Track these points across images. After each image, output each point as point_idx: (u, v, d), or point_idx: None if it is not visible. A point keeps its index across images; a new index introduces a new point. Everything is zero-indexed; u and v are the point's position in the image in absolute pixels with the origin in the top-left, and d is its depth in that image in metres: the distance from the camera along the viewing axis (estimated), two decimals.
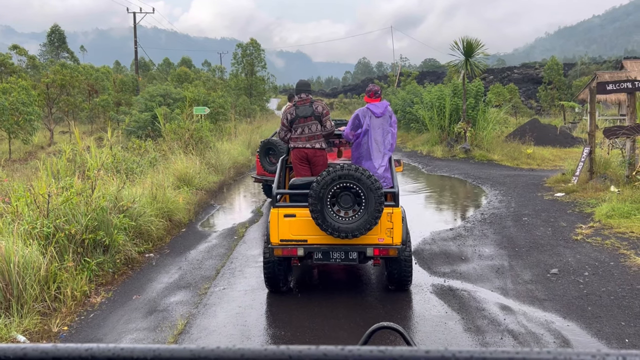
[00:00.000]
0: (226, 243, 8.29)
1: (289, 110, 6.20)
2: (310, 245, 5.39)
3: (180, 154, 13.60)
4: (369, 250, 5.30)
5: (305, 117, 6.09)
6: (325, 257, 5.40)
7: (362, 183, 5.06)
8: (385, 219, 5.27)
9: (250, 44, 43.30)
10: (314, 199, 5.11)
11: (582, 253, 6.72)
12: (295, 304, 5.67)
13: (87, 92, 31.26)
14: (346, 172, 5.09)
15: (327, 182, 5.10)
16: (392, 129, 6.14)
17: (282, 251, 5.41)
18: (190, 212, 10.18)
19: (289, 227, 5.42)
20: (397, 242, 5.30)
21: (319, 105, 6.17)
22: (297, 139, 6.16)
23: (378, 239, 5.31)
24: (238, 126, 27.34)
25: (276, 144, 10.19)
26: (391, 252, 5.29)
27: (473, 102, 19.10)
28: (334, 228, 5.11)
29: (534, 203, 9.86)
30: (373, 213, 5.07)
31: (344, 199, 5.17)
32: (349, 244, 5.33)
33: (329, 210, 5.15)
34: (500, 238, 7.70)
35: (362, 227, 5.10)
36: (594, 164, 10.62)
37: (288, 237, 5.43)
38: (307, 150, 6.12)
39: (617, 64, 47.90)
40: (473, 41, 17.11)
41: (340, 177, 5.09)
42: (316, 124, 6.12)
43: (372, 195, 5.05)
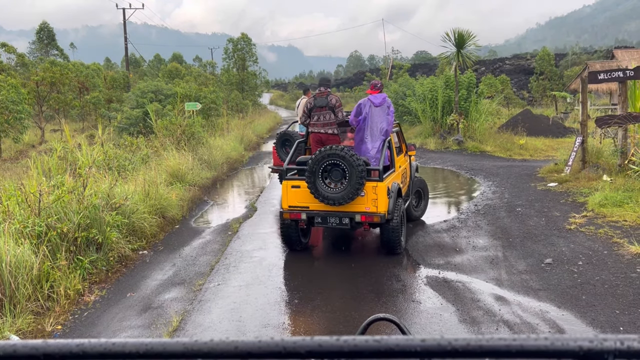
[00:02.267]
0: (220, 239, 8.26)
1: (310, 100, 7.31)
2: (311, 211, 6.65)
3: (173, 150, 13.52)
4: (357, 217, 6.43)
5: (321, 107, 7.17)
6: (323, 222, 6.65)
7: (346, 160, 6.22)
8: (371, 191, 6.38)
9: (241, 39, 43.04)
10: (309, 172, 6.36)
11: (576, 242, 6.74)
12: (291, 300, 5.66)
13: (78, 90, 31.01)
14: (333, 151, 6.28)
15: (318, 159, 6.32)
16: (389, 117, 7.04)
17: (289, 215, 6.73)
18: (184, 209, 10.13)
19: (295, 195, 6.74)
20: (381, 210, 6.38)
21: (333, 98, 7.24)
22: (314, 125, 7.27)
23: (365, 208, 6.44)
24: (230, 121, 27.22)
25: (292, 135, 10.48)
26: (375, 219, 6.39)
27: (465, 94, 19.10)
28: (324, 196, 6.32)
29: (527, 193, 9.88)
30: (354, 185, 6.22)
31: (334, 173, 6.34)
32: (341, 211, 6.49)
33: (321, 182, 6.36)
34: (494, 229, 7.72)
35: (346, 196, 6.27)
36: (586, 154, 10.65)
37: (294, 203, 6.75)
38: (321, 135, 7.21)
39: (608, 53, 48.03)
40: (464, 32, 17.08)
41: (329, 156, 6.29)
42: (330, 113, 7.19)
43: (354, 171, 6.19)
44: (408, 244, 7.31)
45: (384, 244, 6.77)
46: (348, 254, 7.27)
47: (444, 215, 9.00)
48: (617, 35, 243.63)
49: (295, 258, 7.14)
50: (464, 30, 17.13)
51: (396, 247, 6.69)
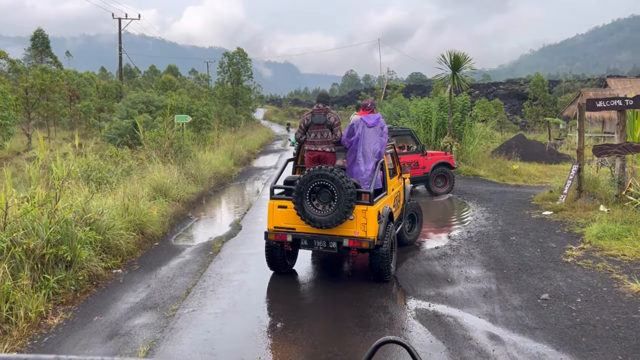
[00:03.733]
0: (200, 259, 7.85)
1: (307, 117, 6.92)
2: (297, 233, 6.34)
3: (158, 163, 13.13)
4: (345, 241, 6.10)
5: (319, 124, 6.79)
6: (310, 245, 6.33)
7: (335, 182, 5.94)
8: (361, 215, 6.07)
9: (237, 53, 42.93)
10: (296, 193, 6.06)
11: (573, 277, 6.40)
12: (269, 332, 5.26)
13: (69, 98, 30.59)
14: (322, 172, 6.00)
15: (307, 179, 6.03)
16: (383, 138, 6.76)
17: (275, 236, 6.42)
18: (165, 225, 9.72)
19: (281, 216, 6.43)
20: (370, 236, 6.05)
21: (332, 116, 6.83)
22: (311, 142, 6.86)
23: (354, 232, 6.11)
24: (222, 135, 26.90)
25: None
26: (364, 245, 6.04)
27: (459, 117, 18.91)
28: (310, 218, 6.04)
29: (522, 221, 9.57)
30: (343, 208, 5.91)
31: (323, 195, 6.06)
32: (329, 234, 6.18)
33: (308, 203, 6.07)
34: (488, 259, 7.37)
35: (334, 219, 5.96)
36: (582, 182, 10.38)
37: (280, 224, 6.44)
38: (318, 153, 6.82)
39: (601, 82, 48.43)
40: (460, 55, 16.94)
41: (317, 176, 6.01)
42: (327, 131, 6.80)
43: (343, 193, 5.90)
44: (398, 271, 6.95)
45: (372, 270, 6.44)
46: (335, 280, 6.88)
47: (436, 242, 8.66)
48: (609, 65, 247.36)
49: (277, 282, 6.75)
50: (460, 52, 17.00)
51: (385, 274, 6.38)
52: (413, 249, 8.19)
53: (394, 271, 6.78)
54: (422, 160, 12.93)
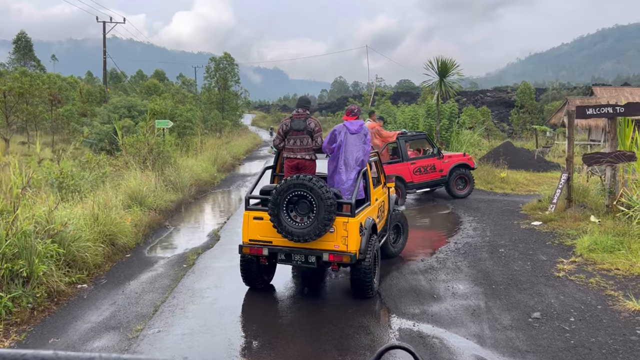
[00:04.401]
0: (173, 273, 7.40)
1: (285, 122, 6.52)
2: (274, 246, 5.94)
3: (136, 169, 12.66)
4: (324, 255, 5.70)
5: (298, 130, 6.38)
6: (287, 259, 5.93)
7: (314, 192, 5.55)
8: (341, 228, 5.70)
9: (224, 58, 42.50)
10: (272, 204, 5.66)
11: (566, 293, 6.06)
12: (240, 356, 4.83)
13: (50, 102, 29.90)
14: (300, 181, 5.60)
15: (283, 189, 5.65)
16: (366, 146, 6.39)
17: (249, 250, 6.02)
18: (139, 235, 9.25)
19: (256, 228, 6.03)
20: (351, 249, 5.67)
21: (312, 122, 6.42)
22: (289, 150, 6.46)
23: (334, 246, 5.72)
24: (207, 141, 26.41)
25: None
26: (345, 259, 5.66)
27: (447, 124, 18.66)
28: (287, 231, 5.64)
29: (511, 232, 9.24)
30: (322, 220, 5.52)
31: (301, 206, 5.66)
32: (308, 248, 5.78)
33: (285, 215, 5.67)
34: (476, 272, 7.01)
35: (313, 232, 5.57)
36: (572, 192, 10.10)
37: (256, 237, 6.04)
38: (297, 160, 6.42)
39: (587, 90, 48.67)
40: (448, 61, 16.69)
41: (295, 186, 5.62)
42: (307, 138, 6.38)
43: (323, 204, 5.51)
44: (381, 286, 6.56)
45: (354, 286, 6.08)
46: (315, 296, 6.48)
47: (422, 254, 8.29)
48: (594, 74, 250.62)
49: (252, 299, 6.33)
50: (447, 58, 16.74)
51: (367, 290, 6.01)
52: (398, 261, 7.81)
53: (377, 286, 6.38)
54: (438, 163, 12.71)
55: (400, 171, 12.08)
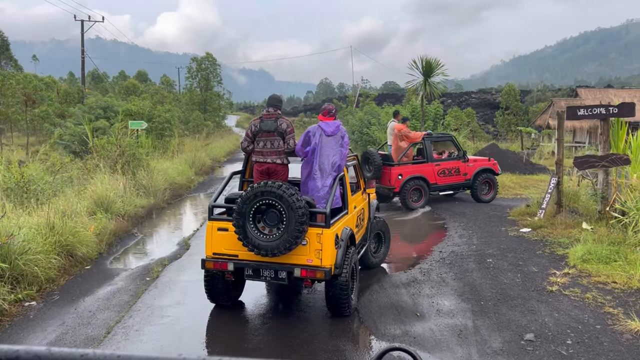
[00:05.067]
0: (133, 287, 6.76)
1: (254, 123, 5.96)
2: (240, 260, 5.35)
3: (105, 173, 11.97)
4: (296, 271, 5.15)
5: (268, 131, 5.82)
6: (255, 275, 5.35)
7: (284, 201, 4.98)
8: (315, 240, 5.15)
9: (206, 58, 41.73)
10: (237, 213, 5.08)
11: (561, 310, 5.54)
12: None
13: (24, 102, 28.94)
14: (268, 188, 5.03)
15: (249, 197, 5.06)
16: (343, 149, 5.91)
17: (213, 264, 5.41)
18: (102, 244, 8.59)
19: (221, 240, 5.43)
20: (325, 264, 5.13)
21: (284, 122, 5.84)
22: (258, 153, 5.88)
23: (307, 260, 5.18)
24: (187, 143, 25.70)
25: (371, 154, 11.93)
26: (318, 275, 5.12)
27: (432, 125, 18.20)
28: (254, 245, 5.07)
29: (499, 240, 8.74)
30: (293, 232, 4.96)
31: (270, 216, 5.10)
32: (278, 263, 5.23)
33: (252, 226, 5.10)
34: (462, 286, 6.48)
35: (282, 246, 5.01)
36: (562, 196, 9.64)
37: (220, 250, 5.44)
38: (267, 165, 5.84)
39: (571, 92, 48.75)
40: (433, 61, 16.22)
41: (262, 194, 5.04)
42: (278, 140, 5.82)
43: (293, 214, 4.95)
44: (360, 302, 6.00)
45: (329, 303, 5.52)
46: (287, 314, 5.90)
47: (405, 264, 7.75)
48: (576, 76, 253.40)
49: (218, 319, 5.73)
50: (432, 58, 16.27)
51: (344, 307, 5.46)
52: (379, 273, 7.27)
53: (355, 303, 5.81)
54: (463, 166, 12.51)
55: (425, 172, 11.99)
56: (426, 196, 12.00)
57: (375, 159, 11.70)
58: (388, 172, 11.76)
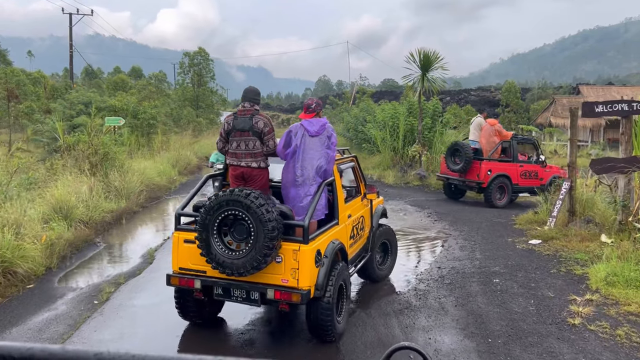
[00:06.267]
0: (75, 314, 5.70)
1: (227, 120, 5.21)
2: (208, 278, 4.70)
3: (71, 174, 10.89)
4: (269, 292, 4.44)
5: (242, 130, 5.02)
6: (225, 294, 4.71)
7: (252, 212, 4.28)
8: (291, 257, 4.44)
9: (198, 53, 40.50)
10: (200, 225, 4.45)
11: (588, 353, 4.48)
12: None
13: (6, 97, 27.83)
14: (235, 197, 4.35)
15: (213, 207, 4.42)
16: (330, 151, 5.06)
17: (178, 281, 4.82)
18: (54, 258, 7.51)
19: (188, 254, 4.80)
20: (303, 285, 4.41)
21: (260, 120, 5.03)
22: (232, 155, 5.10)
23: (282, 280, 4.48)
24: (175, 140, 24.59)
25: (462, 146, 11.96)
26: (294, 298, 4.38)
27: (430, 123, 17.14)
28: (218, 261, 4.43)
29: (505, 254, 7.69)
30: (261, 249, 4.26)
31: (239, 229, 4.44)
32: (249, 282, 4.57)
33: (216, 240, 4.45)
34: (465, 315, 5.42)
35: (249, 264, 4.32)
36: (575, 203, 8.60)
37: (187, 265, 4.82)
38: (242, 169, 5.06)
39: (572, 89, 47.75)
40: (431, 54, 15.14)
41: (228, 203, 4.38)
42: (254, 140, 5.03)
43: (262, 228, 4.25)
44: (343, 338, 4.95)
45: (310, 326, 4.76)
46: (260, 340, 4.88)
47: (398, 283, 6.69)
48: (575, 74, 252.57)
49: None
50: (430, 51, 15.19)
51: (327, 332, 4.69)
52: (366, 295, 6.22)
53: (343, 326, 4.95)
54: (541, 171, 12.50)
55: (509, 171, 12.07)
56: (509, 195, 12.06)
57: (467, 151, 11.76)
58: (478, 166, 11.79)
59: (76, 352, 0.60)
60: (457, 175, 12.20)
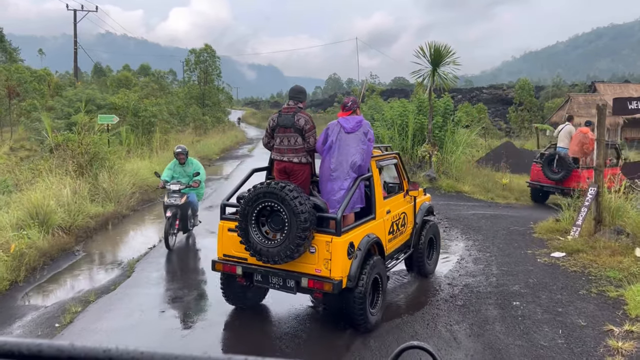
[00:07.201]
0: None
1: (273, 117, 5.53)
2: (249, 265, 5.06)
3: (54, 175, 10.19)
4: (303, 281, 4.74)
5: (285, 127, 5.32)
6: (264, 281, 5.05)
7: (286, 204, 4.60)
8: (323, 248, 4.72)
9: (204, 50, 39.84)
10: (241, 215, 4.82)
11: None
12: None
13: (7, 95, 27.34)
14: (271, 190, 4.68)
15: (252, 199, 4.77)
16: (366, 147, 5.28)
17: (222, 267, 5.20)
18: (21, 270, 6.78)
19: (231, 242, 5.17)
20: (335, 276, 4.67)
21: (302, 118, 5.29)
22: (277, 150, 5.41)
23: (315, 270, 4.76)
24: (176, 139, 23.91)
25: (564, 157, 12.03)
26: (326, 287, 4.64)
27: (440, 121, 16.24)
28: (255, 249, 4.78)
29: (525, 269, 6.83)
30: (294, 239, 4.57)
31: (275, 219, 4.78)
32: (286, 270, 4.87)
33: (255, 229, 4.81)
34: (481, 350, 4.59)
35: (282, 253, 4.64)
36: (602, 211, 7.72)
37: (230, 252, 5.20)
38: (284, 163, 5.34)
39: (588, 87, 46.47)
40: (442, 48, 14.25)
41: (264, 195, 4.72)
42: (296, 136, 5.31)
43: (295, 220, 4.55)
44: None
45: (344, 315, 5.00)
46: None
47: (403, 303, 5.87)
48: (589, 72, 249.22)
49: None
50: (441, 44, 14.30)
51: (360, 322, 4.89)
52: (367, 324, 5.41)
53: (379, 318, 5.10)
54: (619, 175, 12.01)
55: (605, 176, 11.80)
56: None
57: (568, 161, 11.96)
58: (577, 174, 11.85)
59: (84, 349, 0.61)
60: (552, 183, 12.30)
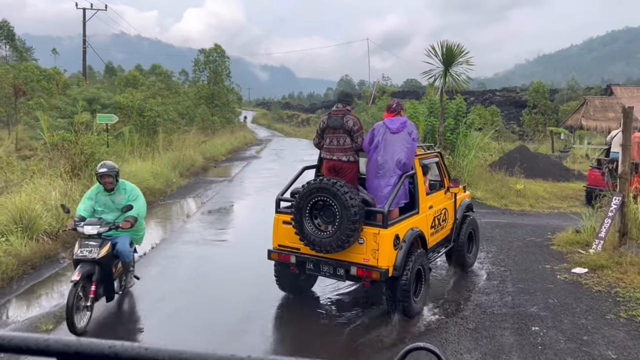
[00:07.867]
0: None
1: (323, 119, 5.99)
2: (301, 254, 5.49)
3: (42, 176, 9.75)
4: (352, 269, 5.16)
5: (335, 128, 5.77)
6: (316, 269, 5.47)
7: (337, 199, 5.02)
8: (372, 240, 5.11)
9: (214, 50, 39.50)
10: (295, 208, 5.28)
11: None
12: None
13: (13, 93, 27.13)
14: (323, 185, 5.11)
15: (306, 193, 5.21)
16: (412, 146, 5.68)
17: (277, 256, 5.66)
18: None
19: (285, 233, 5.61)
20: (382, 265, 5.05)
21: (350, 120, 5.70)
22: (327, 150, 5.86)
23: (363, 259, 5.15)
24: (182, 139, 23.50)
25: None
26: (374, 275, 5.04)
27: (452, 124, 15.61)
28: (309, 240, 5.21)
29: (544, 287, 6.21)
30: (345, 231, 4.98)
31: (327, 212, 5.20)
32: (336, 259, 5.28)
33: (308, 221, 5.24)
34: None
35: (334, 243, 5.06)
36: (627, 222, 7.08)
37: (284, 243, 5.65)
38: (334, 162, 5.79)
39: (604, 91, 45.44)
40: (454, 46, 13.63)
41: (318, 190, 5.15)
42: (345, 137, 5.72)
43: (345, 213, 4.97)
44: None
45: (388, 304, 5.37)
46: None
47: (407, 327, 5.28)
48: (603, 75, 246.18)
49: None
50: (454, 43, 13.68)
51: (405, 309, 5.25)
52: (366, 343, 4.83)
53: (421, 308, 5.46)
54: None
55: None
56: None
57: None
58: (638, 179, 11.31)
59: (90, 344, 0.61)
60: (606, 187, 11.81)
